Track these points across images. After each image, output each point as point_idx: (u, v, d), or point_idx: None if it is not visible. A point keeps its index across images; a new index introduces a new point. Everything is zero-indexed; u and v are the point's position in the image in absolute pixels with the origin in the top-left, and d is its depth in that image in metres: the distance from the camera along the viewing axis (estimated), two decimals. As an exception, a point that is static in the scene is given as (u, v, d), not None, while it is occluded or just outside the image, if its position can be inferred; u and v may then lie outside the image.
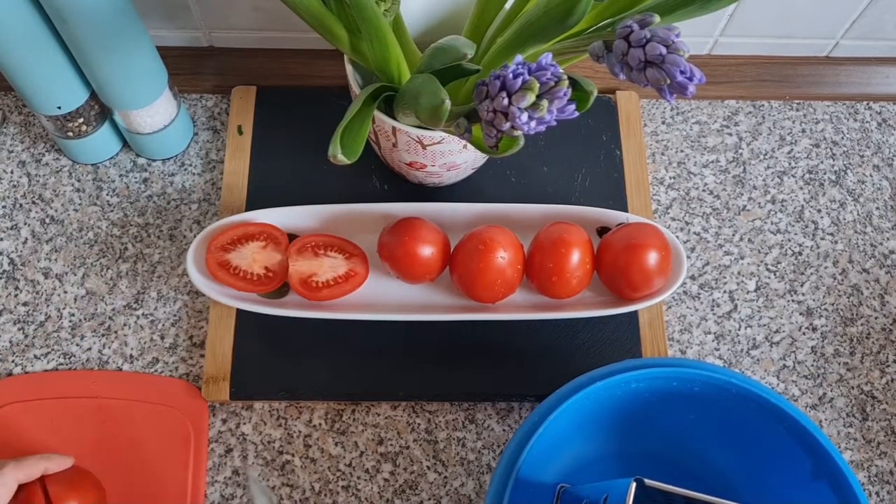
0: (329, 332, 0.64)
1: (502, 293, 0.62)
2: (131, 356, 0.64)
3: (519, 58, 0.42)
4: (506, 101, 0.42)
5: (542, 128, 0.43)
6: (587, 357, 0.65)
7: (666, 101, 0.68)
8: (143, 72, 0.62)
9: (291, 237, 0.64)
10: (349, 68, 0.58)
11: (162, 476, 0.60)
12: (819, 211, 0.73)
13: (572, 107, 0.43)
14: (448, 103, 0.46)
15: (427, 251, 0.61)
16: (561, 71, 0.42)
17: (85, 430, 0.62)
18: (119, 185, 0.70)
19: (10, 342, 0.65)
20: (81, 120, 0.65)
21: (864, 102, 0.78)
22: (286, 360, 0.64)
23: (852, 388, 0.67)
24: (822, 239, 0.72)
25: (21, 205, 0.69)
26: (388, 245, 0.62)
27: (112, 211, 0.69)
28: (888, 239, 0.72)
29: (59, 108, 0.63)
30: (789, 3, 0.70)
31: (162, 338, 0.65)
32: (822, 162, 0.75)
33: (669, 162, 0.74)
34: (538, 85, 0.41)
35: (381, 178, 0.70)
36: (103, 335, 0.65)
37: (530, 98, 0.41)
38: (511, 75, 0.42)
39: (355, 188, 0.69)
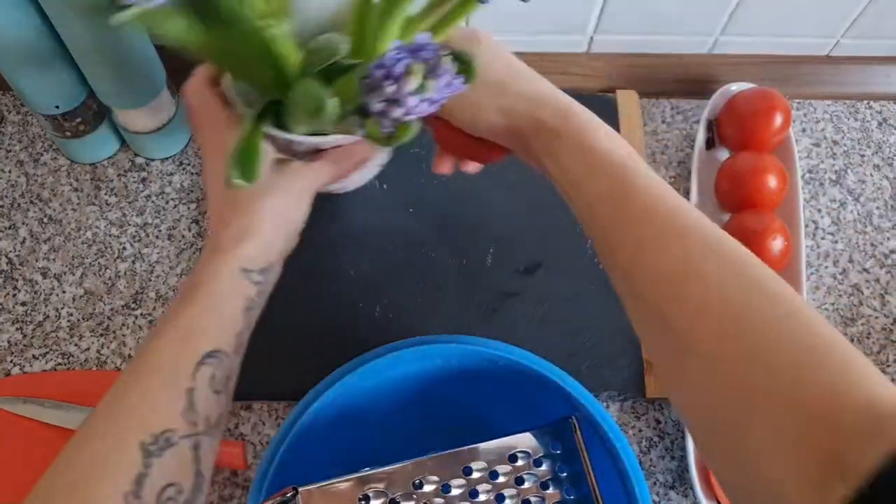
0: (328, 331, 0.64)
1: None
2: (130, 356, 0.64)
3: (396, 42, 0.42)
4: (392, 89, 0.41)
5: (436, 107, 0.42)
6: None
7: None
8: (142, 71, 0.61)
9: None
10: (229, 88, 0.51)
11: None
12: (819, 210, 0.73)
13: (460, 79, 0.42)
14: (331, 104, 0.45)
15: None
16: (438, 47, 0.41)
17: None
18: (117, 185, 0.70)
19: (9, 342, 0.64)
20: (79, 119, 0.65)
21: (865, 102, 0.77)
22: (285, 359, 0.64)
23: (852, 388, 0.67)
24: (822, 238, 0.72)
25: (19, 204, 0.69)
26: None
27: (110, 210, 0.69)
28: (888, 238, 0.72)
29: (57, 107, 0.63)
30: (790, 2, 0.70)
31: (160, 338, 0.65)
32: (822, 161, 0.75)
33: (670, 161, 0.74)
34: (422, 66, 0.40)
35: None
36: (102, 335, 0.65)
37: (417, 80, 0.40)
38: (391, 62, 0.41)
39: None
